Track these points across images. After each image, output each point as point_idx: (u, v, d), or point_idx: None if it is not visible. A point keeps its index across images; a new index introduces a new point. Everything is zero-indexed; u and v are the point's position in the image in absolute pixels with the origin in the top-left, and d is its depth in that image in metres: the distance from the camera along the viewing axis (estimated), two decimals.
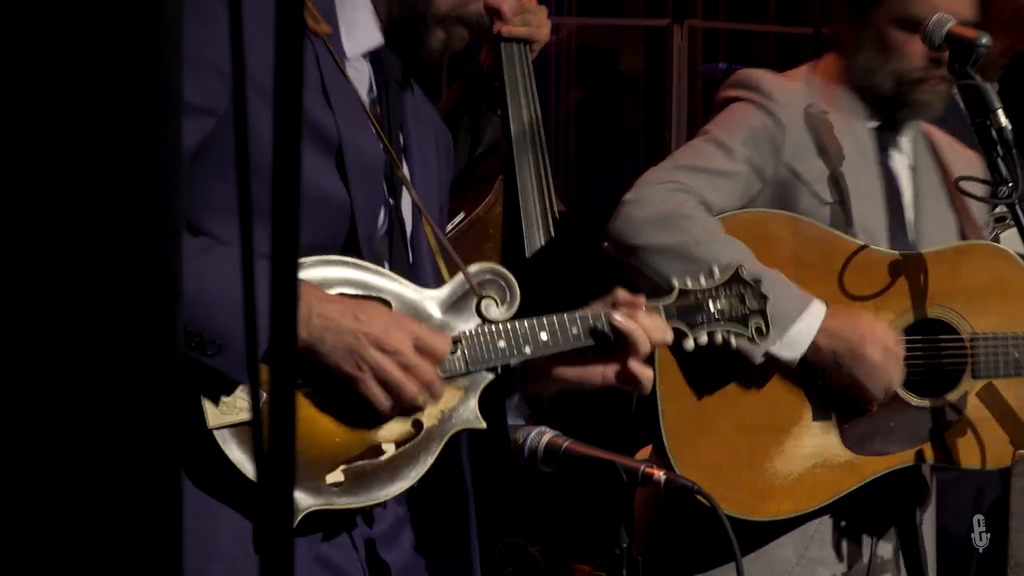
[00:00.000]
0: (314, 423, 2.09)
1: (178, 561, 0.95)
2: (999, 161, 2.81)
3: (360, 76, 2.21)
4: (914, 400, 3.01)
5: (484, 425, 2.14)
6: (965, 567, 3.46)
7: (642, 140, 6.20)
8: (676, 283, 2.35)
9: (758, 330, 2.44)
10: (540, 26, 3.14)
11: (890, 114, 3.06)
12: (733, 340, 2.38)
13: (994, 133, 2.80)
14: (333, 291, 2.09)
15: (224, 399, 2.01)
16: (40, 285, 0.83)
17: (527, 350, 2.20)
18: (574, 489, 3.33)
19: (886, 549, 3.07)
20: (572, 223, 3.55)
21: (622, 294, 2.25)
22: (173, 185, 0.86)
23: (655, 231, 2.89)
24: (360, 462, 2.12)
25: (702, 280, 2.38)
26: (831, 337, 2.91)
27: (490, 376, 2.19)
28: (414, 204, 2.22)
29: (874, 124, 3.07)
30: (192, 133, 2.03)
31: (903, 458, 3.00)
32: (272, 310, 0.86)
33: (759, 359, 2.91)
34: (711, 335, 2.36)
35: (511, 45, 3.17)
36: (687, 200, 2.91)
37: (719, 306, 2.39)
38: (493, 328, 2.19)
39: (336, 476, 2.10)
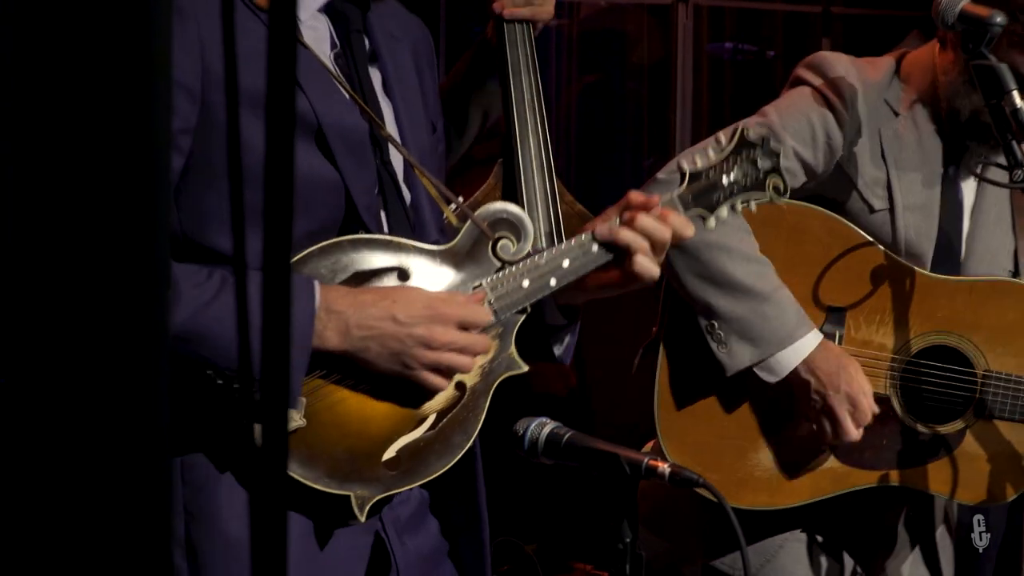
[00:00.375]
0: (358, 413, 2.13)
1: (168, 561, 0.97)
2: (1014, 144, 2.80)
3: (319, 34, 2.23)
4: (912, 423, 3.01)
5: (526, 368, 2.20)
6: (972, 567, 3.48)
7: (646, 121, 6.20)
8: (685, 166, 2.35)
9: (776, 189, 2.44)
10: (543, 4, 3.14)
11: (962, 136, 3.01)
12: (753, 206, 2.40)
13: (1009, 114, 2.79)
14: (344, 277, 2.11)
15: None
16: (27, 289, 0.84)
17: (552, 282, 2.24)
18: (574, 483, 3.34)
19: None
20: (576, 212, 3.56)
21: (634, 196, 2.27)
22: (163, 188, 0.87)
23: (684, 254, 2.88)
24: (412, 438, 2.16)
25: (711, 154, 2.38)
26: (812, 371, 2.91)
27: (521, 317, 2.24)
28: (405, 159, 2.24)
29: (944, 140, 3.02)
30: (176, 157, 2.06)
31: (887, 477, 3.01)
32: (264, 314, 0.86)
33: (731, 372, 2.92)
34: (732, 208, 2.37)
35: (513, 25, 3.17)
36: None
37: (733, 176, 2.40)
38: (514, 269, 2.23)
39: (391, 459, 2.15)
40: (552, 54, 5.96)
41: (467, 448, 2.20)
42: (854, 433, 2.90)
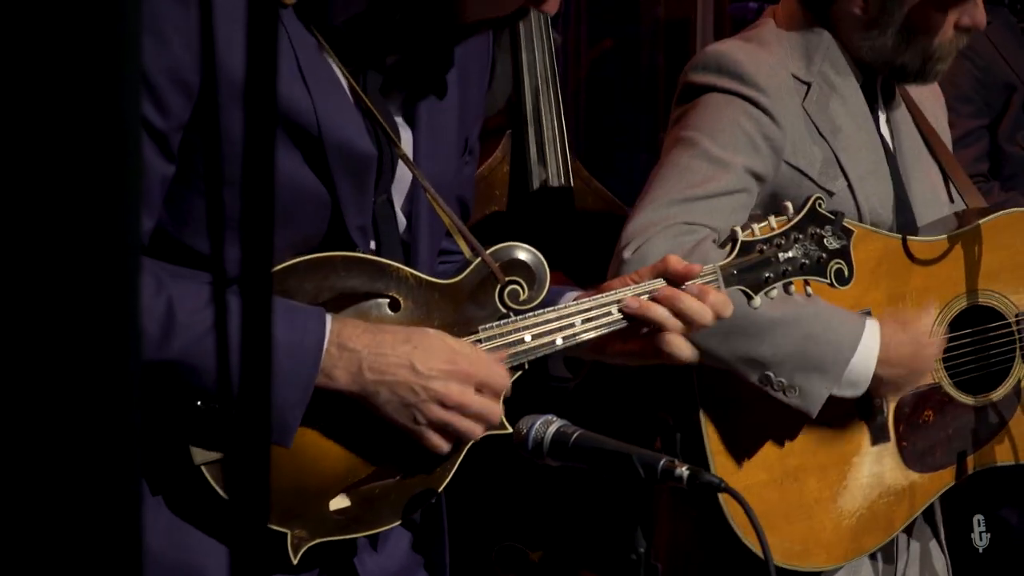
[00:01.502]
0: (314, 447, 2.11)
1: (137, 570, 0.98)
2: None
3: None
4: (968, 400, 3.02)
5: (510, 430, 2.17)
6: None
7: (662, 89, 6.18)
8: (739, 233, 2.32)
9: (839, 274, 2.40)
10: None
11: (876, 76, 3.01)
12: (808, 290, 2.37)
13: None
14: (328, 297, 2.09)
15: (210, 438, 2.06)
16: None
17: (558, 342, 2.21)
18: (583, 486, 3.34)
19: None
20: (589, 189, 3.56)
21: (673, 262, 2.24)
22: (133, 192, 0.87)
23: None
24: (368, 484, 2.14)
25: (772, 222, 2.35)
26: (892, 366, 2.86)
27: (516, 373, 2.20)
28: (415, 180, 2.21)
29: (859, 85, 3.02)
30: (165, 161, 2.04)
31: (963, 469, 3.02)
32: (243, 329, 0.87)
33: (815, 411, 2.84)
34: (786, 287, 2.34)
35: None
36: (699, 242, 2.78)
37: (791, 254, 2.36)
38: (518, 320, 2.20)
39: (340, 503, 2.13)
40: (561, 20, 5.95)
41: (430, 503, 2.19)
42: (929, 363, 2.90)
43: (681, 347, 2.23)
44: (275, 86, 0.81)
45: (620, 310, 2.22)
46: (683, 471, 2.09)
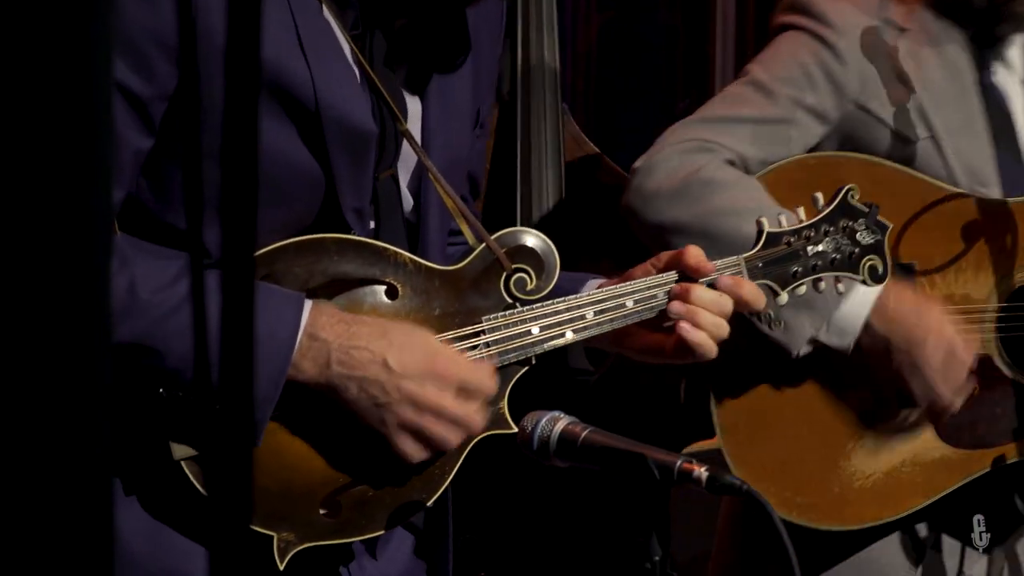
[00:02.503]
0: (304, 444, 2.11)
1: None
2: None
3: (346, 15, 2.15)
4: (1022, 379, 2.99)
5: (515, 429, 2.15)
6: None
7: (680, 56, 6.17)
8: (765, 224, 2.32)
9: (872, 271, 2.40)
10: None
11: (987, 28, 3.02)
12: (841, 287, 2.38)
13: None
14: (320, 282, 2.09)
15: (190, 431, 2.05)
16: None
17: (568, 335, 2.21)
18: (593, 489, 3.33)
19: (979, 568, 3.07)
20: (590, 166, 3.54)
21: (692, 254, 2.23)
22: (103, 180, 0.86)
23: (667, 204, 2.85)
24: (361, 486, 2.14)
25: (801, 213, 2.34)
26: (888, 321, 2.88)
27: (522, 369, 2.20)
28: (420, 162, 2.20)
29: (967, 38, 3.02)
30: (145, 136, 2.04)
31: (1004, 456, 2.99)
32: (223, 318, 0.86)
33: (798, 351, 2.89)
34: (815, 284, 2.34)
35: None
36: (709, 162, 2.85)
37: (821, 248, 2.35)
38: (525, 310, 2.19)
39: (331, 505, 2.12)
40: None
41: (426, 507, 2.19)
42: (954, 388, 2.87)
43: (711, 349, 2.22)
44: (259, 47, 0.80)
45: (668, 312, 2.21)
46: (702, 473, 2.08)
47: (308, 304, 2.06)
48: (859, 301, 2.86)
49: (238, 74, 0.82)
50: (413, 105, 2.22)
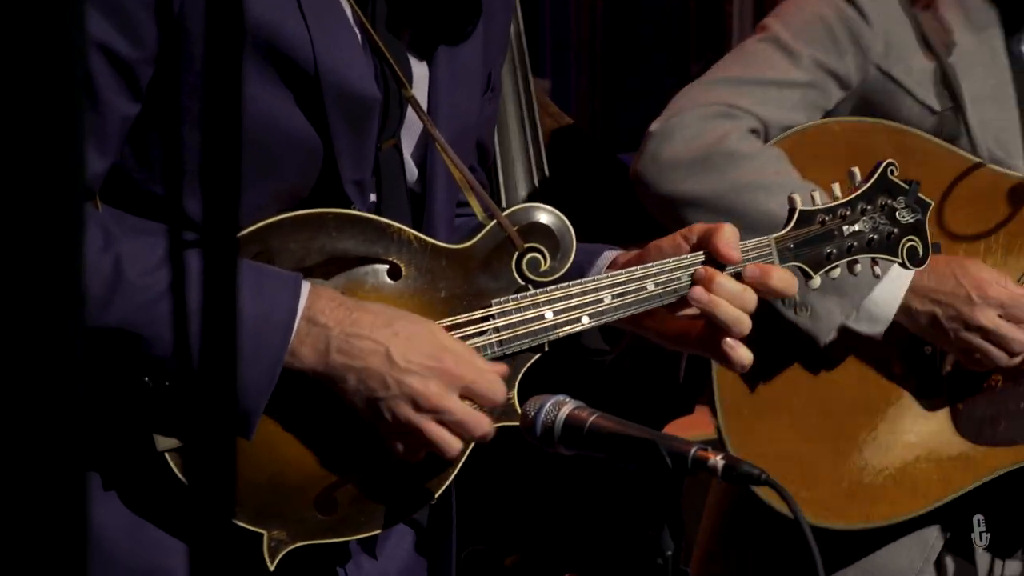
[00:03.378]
0: (295, 438, 2.11)
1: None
2: None
3: None
4: None
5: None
6: None
7: (693, 14, 6.16)
8: (798, 201, 2.30)
9: (912, 252, 2.39)
10: None
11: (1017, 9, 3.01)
12: (877, 271, 2.37)
13: None
14: (317, 260, 2.08)
15: (175, 421, 2.05)
16: None
17: (584, 320, 2.20)
18: (601, 478, 3.33)
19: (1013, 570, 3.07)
20: (575, 144, 3.52)
21: (725, 239, 2.20)
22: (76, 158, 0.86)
23: (685, 175, 2.85)
24: (359, 482, 2.14)
25: (836, 190, 2.33)
26: (927, 300, 2.88)
27: (534, 357, 2.19)
28: (425, 131, 2.20)
29: (997, 12, 3.02)
30: (129, 101, 2.03)
31: (1018, 454, 2.99)
32: (205, 296, 0.85)
33: (826, 340, 2.88)
34: (851, 266, 2.34)
35: None
36: (732, 130, 2.85)
37: (858, 228, 2.35)
38: (538, 293, 2.18)
39: (326, 501, 2.12)
40: None
41: (430, 503, 2.19)
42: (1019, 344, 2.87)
43: (742, 355, 2.22)
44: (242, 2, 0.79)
45: (689, 299, 2.20)
46: (718, 461, 2.08)
47: (306, 286, 2.05)
48: (893, 284, 2.86)
49: (221, 30, 0.81)
50: (419, 70, 2.21)
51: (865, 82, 2.95)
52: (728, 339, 2.20)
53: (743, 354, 2.21)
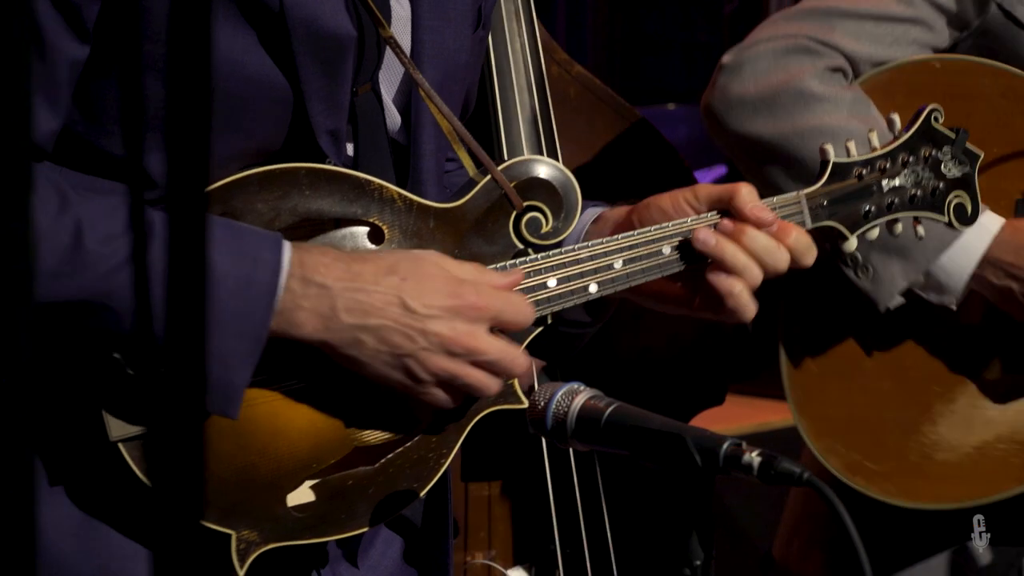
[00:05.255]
0: (268, 420, 2.11)
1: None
2: None
3: None
4: None
5: (525, 403, 2.17)
6: None
7: None
8: (830, 153, 2.30)
9: (959, 210, 2.40)
10: None
11: None
12: (920, 230, 2.37)
13: None
14: (289, 221, 2.08)
15: (132, 405, 2.05)
16: None
17: (592, 288, 2.21)
18: (621, 478, 3.35)
19: None
20: (587, 95, 3.52)
21: (746, 197, 2.22)
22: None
23: (751, 114, 2.87)
24: (340, 472, 2.14)
25: (873, 139, 2.33)
26: (1003, 273, 2.89)
27: (536, 330, 2.21)
28: (407, 75, 2.20)
29: None
30: (77, 43, 2.03)
31: None
32: (171, 259, 0.86)
33: (888, 305, 2.89)
34: (890, 226, 2.34)
35: None
36: (808, 67, 2.86)
37: (899, 183, 2.35)
38: (540, 258, 2.19)
39: (302, 496, 2.13)
40: None
41: (414, 501, 2.20)
42: None
43: (747, 304, 2.23)
44: None
45: (692, 244, 2.21)
46: (753, 458, 2.08)
47: (286, 245, 2.05)
48: (968, 248, 2.88)
49: None
50: (401, 10, 2.21)
51: (983, 23, 2.96)
52: (736, 287, 2.21)
53: (735, 287, 2.22)
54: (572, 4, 6.48)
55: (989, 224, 2.90)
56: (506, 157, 3.34)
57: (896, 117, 2.38)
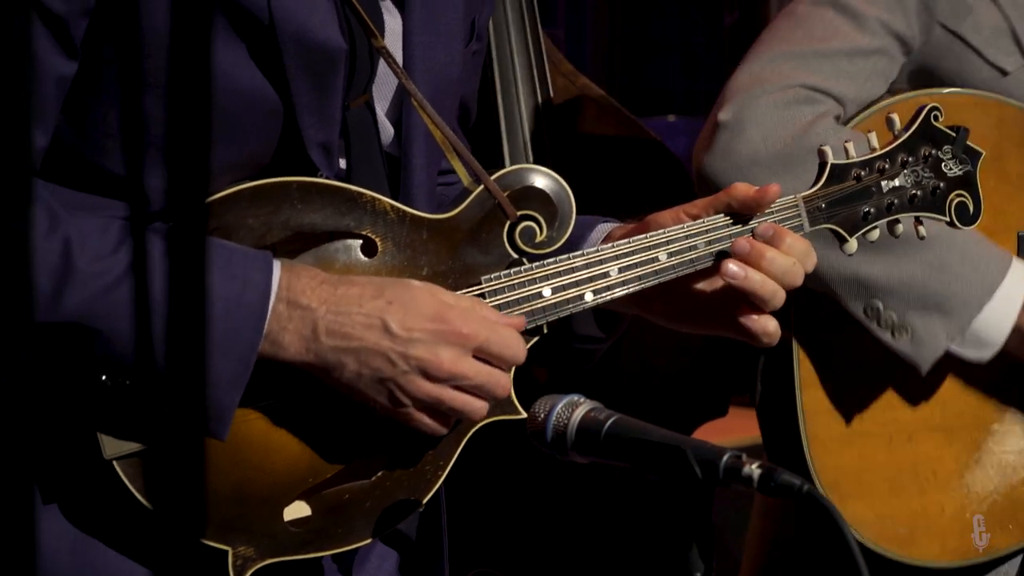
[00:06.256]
0: (263, 436, 2.12)
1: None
2: None
3: None
4: None
5: (522, 414, 2.17)
6: None
7: None
8: (828, 155, 2.29)
9: (960, 209, 2.39)
10: None
11: None
12: (922, 231, 2.37)
13: None
14: (281, 236, 2.08)
15: (126, 424, 2.05)
16: None
17: (588, 297, 2.21)
18: (621, 490, 3.35)
19: None
20: (591, 106, 3.52)
21: (740, 189, 2.23)
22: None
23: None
24: (336, 487, 2.15)
25: (872, 140, 2.33)
26: None
27: (532, 339, 2.21)
28: (400, 87, 2.21)
29: None
30: (64, 59, 2.03)
31: None
32: (170, 280, 0.86)
33: (928, 366, 2.87)
34: (891, 227, 2.34)
35: None
36: (814, 119, 2.83)
37: (899, 183, 2.34)
38: (535, 268, 2.20)
39: (298, 511, 2.13)
40: None
41: (414, 517, 2.20)
42: None
43: (768, 326, 2.23)
44: None
45: (721, 275, 2.21)
46: (753, 470, 2.09)
47: (277, 264, 2.05)
48: (1004, 306, 2.87)
49: None
50: (392, 23, 2.22)
51: (927, 43, 2.94)
52: (752, 315, 2.22)
53: (768, 324, 2.22)
54: (571, 7, 6.48)
55: (1018, 282, 2.88)
56: (508, 165, 3.34)
57: (895, 117, 2.38)
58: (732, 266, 2.19)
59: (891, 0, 2.93)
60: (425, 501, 2.19)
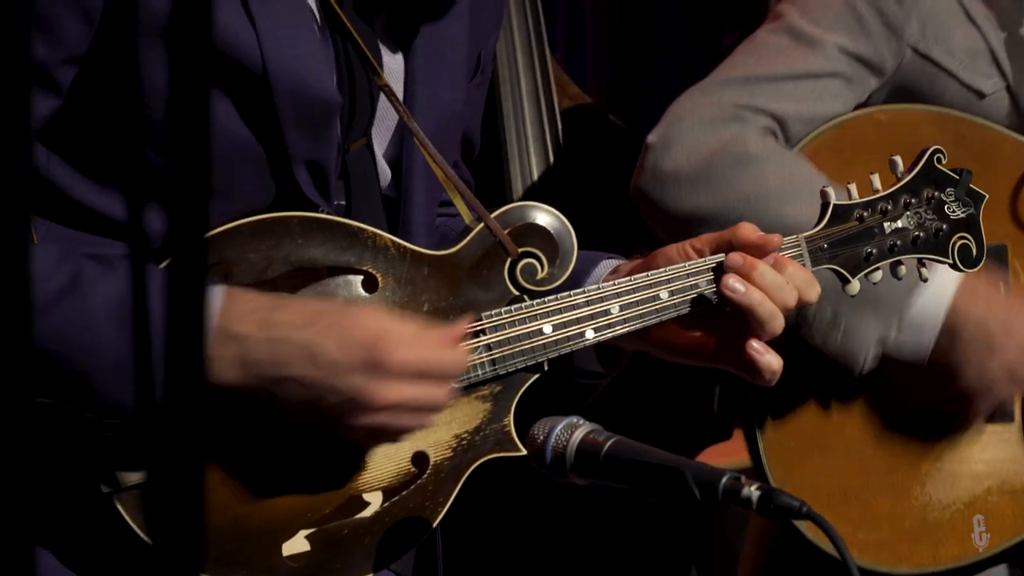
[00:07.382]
0: (260, 474, 2.11)
1: None
2: None
3: None
4: None
5: (522, 451, 2.15)
6: None
7: None
8: (831, 195, 2.30)
9: (964, 252, 2.39)
10: None
11: None
12: (924, 273, 2.37)
13: None
14: (281, 271, 2.07)
15: (118, 459, 2.04)
16: None
17: (588, 334, 2.21)
18: (620, 511, 3.35)
19: None
20: (596, 128, 3.52)
21: (746, 231, 2.22)
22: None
23: (689, 190, 2.84)
24: (334, 522, 2.14)
25: (875, 181, 2.33)
26: (977, 325, 2.88)
27: (532, 377, 2.20)
28: (400, 125, 2.21)
29: None
30: (46, 96, 2.03)
31: None
32: (168, 329, 0.87)
33: (860, 364, 2.89)
34: (894, 268, 2.34)
35: None
36: (740, 134, 2.84)
37: (901, 224, 2.35)
38: (535, 304, 2.19)
39: (297, 545, 2.13)
40: None
41: (412, 549, 2.19)
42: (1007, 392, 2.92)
43: (771, 361, 2.22)
44: (211, 14, 0.81)
45: (719, 291, 2.20)
46: (752, 491, 2.09)
47: (219, 291, 2.01)
48: (936, 293, 2.88)
49: (186, 45, 0.83)
50: (393, 63, 2.22)
51: (901, 67, 2.95)
52: (755, 343, 2.21)
53: (772, 361, 2.22)
54: (571, 30, 6.48)
55: (950, 275, 2.88)
56: (516, 188, 3.35)
57: (898, 159, 2.37)
58: (733, 281, 2.19)
59: (852, 25, 2.93)
60: (425, 536, 2.18)
